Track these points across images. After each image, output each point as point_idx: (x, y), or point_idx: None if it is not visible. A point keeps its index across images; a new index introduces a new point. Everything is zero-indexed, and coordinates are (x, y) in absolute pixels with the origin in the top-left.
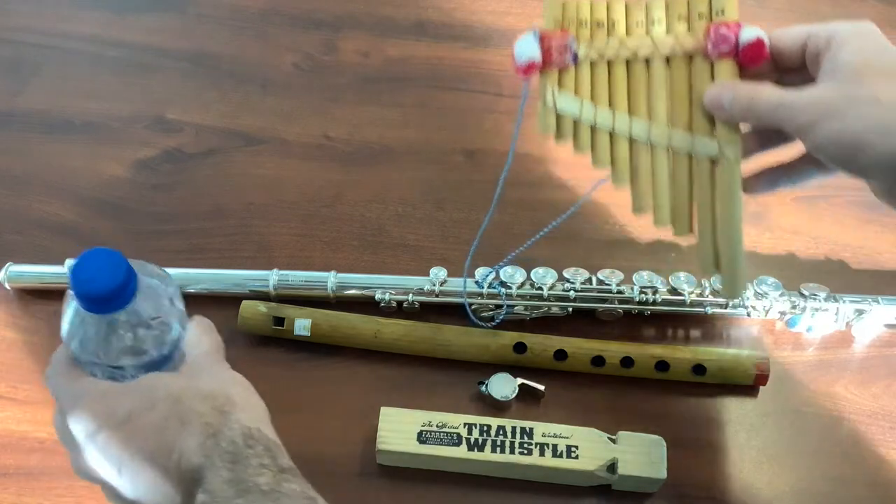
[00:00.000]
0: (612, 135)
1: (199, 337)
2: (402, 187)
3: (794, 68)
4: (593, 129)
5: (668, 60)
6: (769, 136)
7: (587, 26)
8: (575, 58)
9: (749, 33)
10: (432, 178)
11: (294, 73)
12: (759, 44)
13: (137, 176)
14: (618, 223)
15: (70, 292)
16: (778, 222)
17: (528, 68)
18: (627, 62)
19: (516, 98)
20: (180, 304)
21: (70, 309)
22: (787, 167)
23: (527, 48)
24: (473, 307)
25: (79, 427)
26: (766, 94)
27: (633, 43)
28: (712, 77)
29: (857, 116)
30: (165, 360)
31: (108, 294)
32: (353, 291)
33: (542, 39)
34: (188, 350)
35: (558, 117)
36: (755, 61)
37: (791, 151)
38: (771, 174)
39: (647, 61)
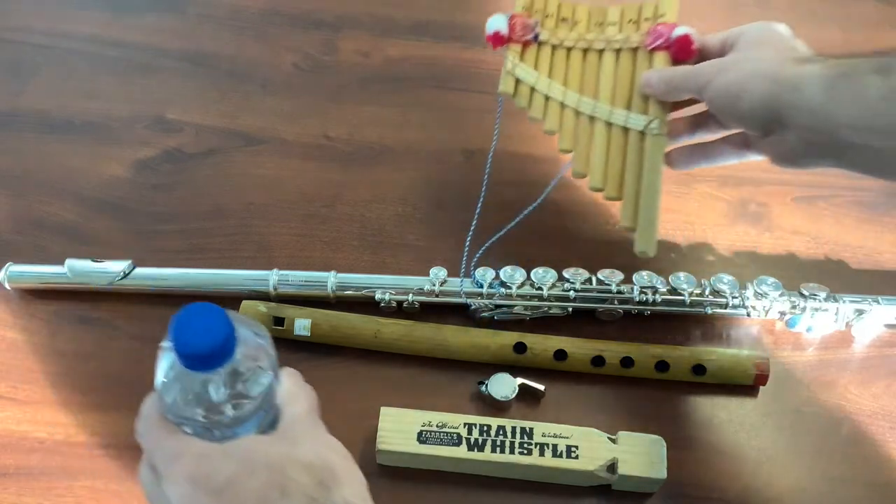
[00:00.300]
0: (562, 106)
1: (294, 392)
2: (402, 187)
3: None
4: (547, 100)
5: (617, 52)
6: (699, 121)
7: (553, 18)
8: (536, 38)
9: (679, 30)
10: (432, 178)
11: (294, 73)
12: (686, 38)
13: (137, 176)
14: (618, 223)
15: (166, 345)
16: (778, 222)
17: (495, 38)
18: (584, 51)
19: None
20: (273, 352)
21: (165, 362)
22: (703, 146)
23: (496, 22)
24: (473, 307)
25: (175, 489)
26: (681, 68)
27: (589, 36)
28: (651, 66)
29: (741, 69)
30: (261, 415)
31: (211, 352)
32: (353, 291)
33: (511, 18)
34: (283, 406)
35: (517, 83)
36: (685, 52)
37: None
38: (690, 152)
39: (600, 52)
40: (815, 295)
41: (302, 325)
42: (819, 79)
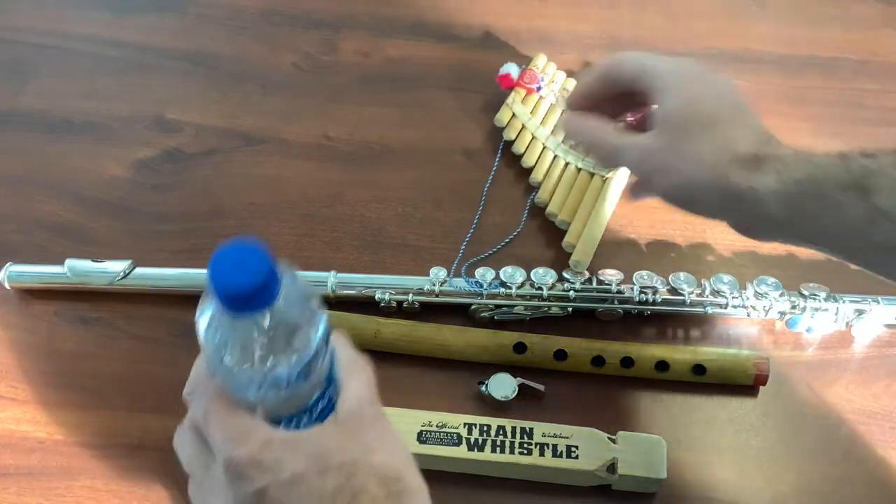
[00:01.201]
0: (543, 147)
1: (352, 363)
2: (402, 187)
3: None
4: (532, 139)
5: None
6: (621, 104)
7: (553, 82)
8: (539, 89)
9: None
10: (432, 178)
11: (294, 73)
12: (504, 77)
13: (137, 176)
14: (618, 223)
15: (206, 298)
16: None
17: (506, 79)
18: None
19: None
20: (323, 310)
21: (206, 321)
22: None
23: (509, 67)
24: (473, 307)
25: (231, 473)
26: (607, 138)
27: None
28: None
29: (681, 173)
30: (322, 393)
31: (254, 286)
32: (353, 291)
33: (524, 69)
34: (343, 383)
35: (513, 116)
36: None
37: None
38: (635, 186)
39: None
40: (815, 295)
41: None
42: (778, 195)
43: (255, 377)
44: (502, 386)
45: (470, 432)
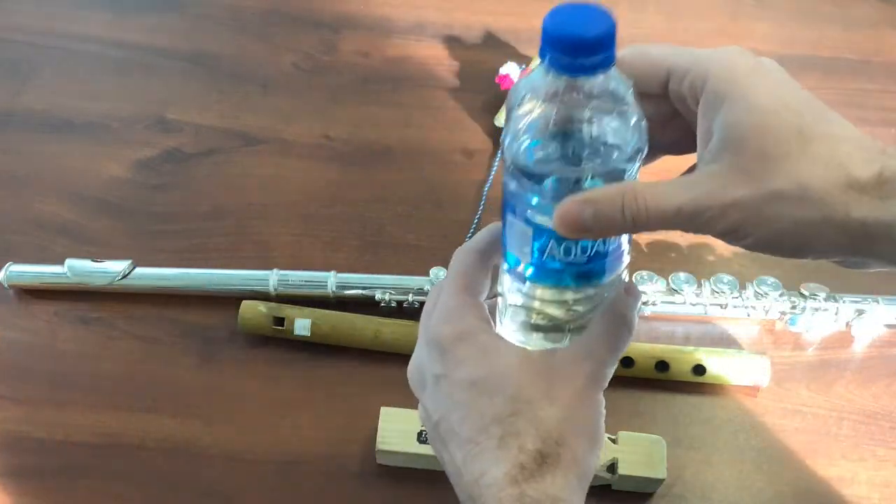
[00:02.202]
0: None
1: (616, 321)
2: (402, 187)
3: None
4: None
5: None
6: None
7: None
8: None
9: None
10: (432, 178)
11: (294, 73)
12: (502, 77)
13: (137, 176)
14: None
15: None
16: None
17: (505, 79)
18: None
19: None
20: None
21: (525, 96)
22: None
23: (509, 68)
24: None
25: (434, 356)
26: (631, 193)
27: None
28: None
29: (784, 218)
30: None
31: (596, 37)
32: (353, 291)
33: (523, 69)
34: (595, 326)
35: None
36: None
37: None
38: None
39: None
40: (815, 295)
41: (302, 325)
42: None
43: (564, 171)
44: None
45: None
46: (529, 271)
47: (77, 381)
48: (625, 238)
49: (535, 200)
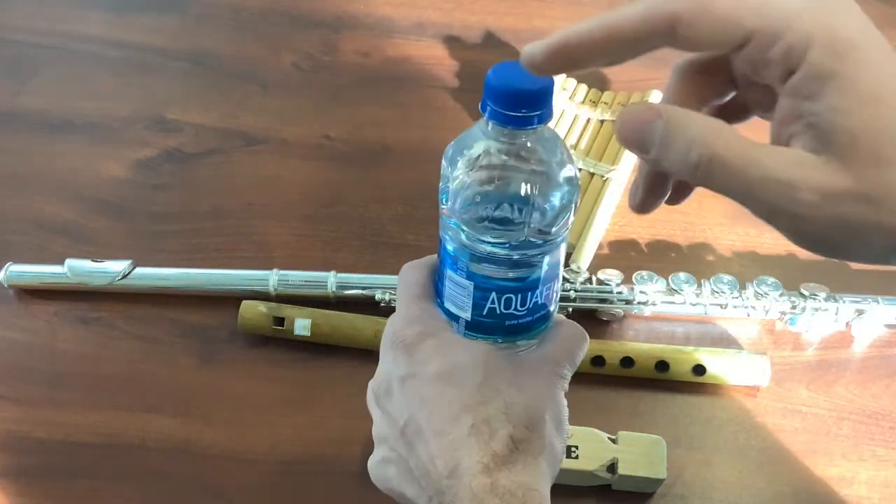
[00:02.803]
0: None
1: (572, 329)
2: (402, 187)
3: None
4: None
5: (601, 122)
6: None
7: (561, 89)
8: None
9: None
10: (432, 178)
11: (294, 73)
12: None
13: (137, 176)
14: (617, 223)
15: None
16: None
17: None
18: (576, 116)
19: None
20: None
21: (462, 152)
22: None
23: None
24: None
25: (394, 355)
26: (741, 160)
27: (582, 111)
28: None
29: (876, 228)
30: (537, 284)
31: (531, 90)
32: (353, 291)
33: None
34: (553, 334)
35: None
36: None
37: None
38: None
39: (588, 120)
40: (815, 295)
41: (302, 325)
42: None
43: (496, 208)
44: None
45: None
46: (465, 325)
47: (77, 381)
48: (559, 287)
49: (475, 253)
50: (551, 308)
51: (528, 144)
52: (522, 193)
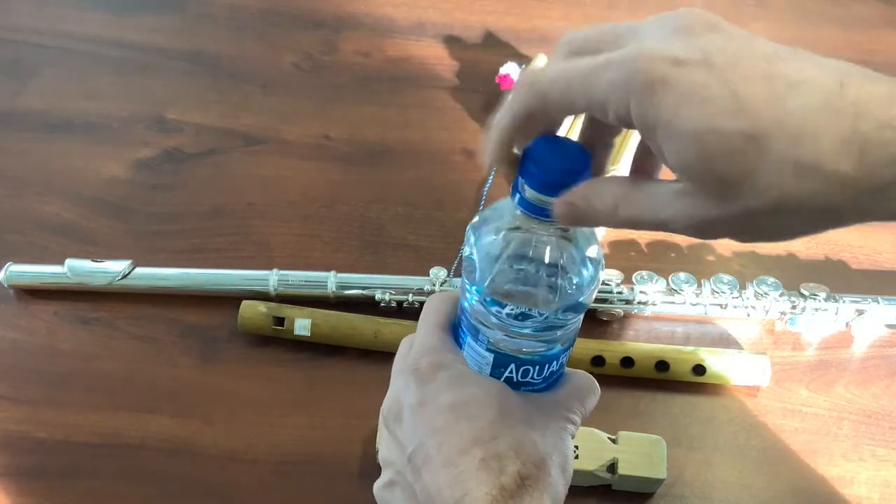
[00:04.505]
0: None
1: (583, 379)
2: (402, 187)
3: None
4: None
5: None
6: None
7: None
8: None
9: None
10: (432, 178)
11: (294, 73)
12: (502, 77)
13: (137, 176)
14: None
15: (497, 209)
16: None
17: (505, 79)
18: (575, 116)
19: None
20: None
21: (488, 233)
22: None
23: (509, 68)
24: None
25: (406, 380)
26: (647, 211)
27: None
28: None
29: (771, 230)
30: (555, 353)
31: (569, 167)
32: (353, 291)
33: (523, 69)
34: (567, 383)
35: None
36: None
37: None
38: None
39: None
40: (815, 295)
41: (302, 325)
42: None
43: (523, 288)
44: None
45: None
46: None
47: (77, 381)
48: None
49: (497, 329)
50: (564, 369)
51: (557, 228)
52: (549, 278)
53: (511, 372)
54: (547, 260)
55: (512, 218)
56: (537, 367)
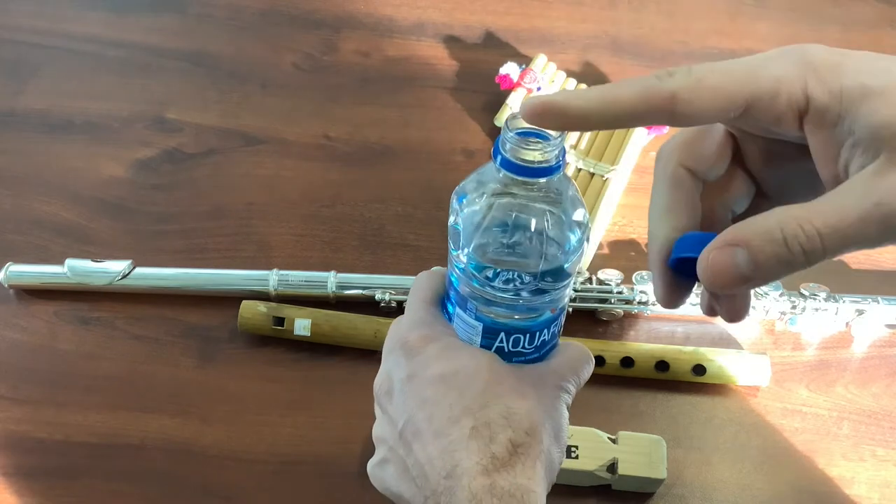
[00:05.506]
0: None
1: (578, 351)
2: (402, 187)
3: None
4: None
5: None
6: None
7: (552, 82)
8: (539, 89)
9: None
10: (432, 178)
11: (294, 73)
12: (502, 77)
13: (137, 176)
14: (617, 223)
15: (477, 177)
16: None
17: (505, 80)
18: None
19: None
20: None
21: (473, 199)
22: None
23: (509, 68)
24: None
25: (396, 356)
26: (831, 216)
27: None
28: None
29: None
30: (545, 319)
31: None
32: (353, 291)
33: (523, 69)
34: (560, 354)
35: None
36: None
37: None
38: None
39: None
40: (815, 295)
41: (302, 325)
42: None
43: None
44: None
45: None
46: None
47: (77, 381)
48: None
49: (485, 296)
50: (557, 340)
51: (541, 191)
52: (534, 242)
53: (502, 342)
54: (532, 223)
55: (495, 183)
56: (528, 336)
